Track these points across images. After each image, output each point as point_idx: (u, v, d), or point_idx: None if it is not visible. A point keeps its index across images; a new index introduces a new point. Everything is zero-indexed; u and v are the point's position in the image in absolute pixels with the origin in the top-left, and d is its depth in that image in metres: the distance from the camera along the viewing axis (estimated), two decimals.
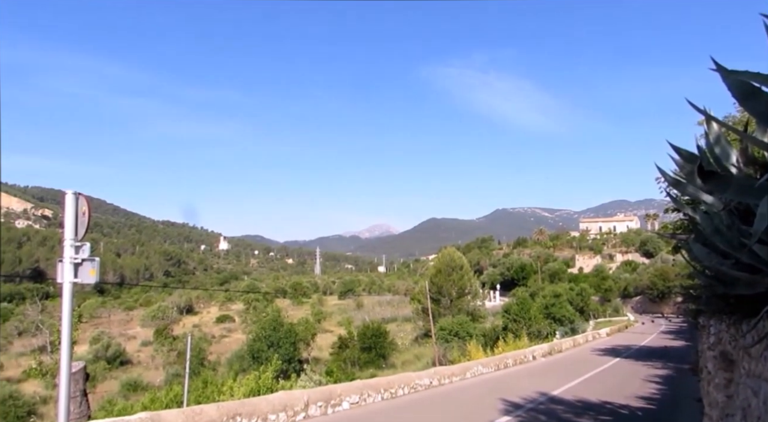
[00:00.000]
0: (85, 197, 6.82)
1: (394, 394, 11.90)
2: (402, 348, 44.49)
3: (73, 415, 6.54)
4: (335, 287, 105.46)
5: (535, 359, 21.89)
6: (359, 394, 10.60)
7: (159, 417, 6.28)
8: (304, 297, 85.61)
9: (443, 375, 14.64)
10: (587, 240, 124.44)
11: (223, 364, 38.47)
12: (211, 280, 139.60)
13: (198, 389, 16.38)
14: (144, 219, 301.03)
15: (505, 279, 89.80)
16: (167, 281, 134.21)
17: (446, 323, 37.87)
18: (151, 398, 16.97)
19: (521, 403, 11.13)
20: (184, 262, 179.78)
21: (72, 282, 6.43)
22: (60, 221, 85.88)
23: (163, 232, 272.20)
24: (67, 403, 6.09)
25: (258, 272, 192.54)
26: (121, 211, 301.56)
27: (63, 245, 6.54)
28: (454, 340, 34.34)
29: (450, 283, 46.20)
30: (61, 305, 6.50)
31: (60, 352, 6.31)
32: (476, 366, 17.19)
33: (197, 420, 6.74)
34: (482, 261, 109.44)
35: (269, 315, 44.74)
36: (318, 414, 9.23)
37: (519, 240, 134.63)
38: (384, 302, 77.90)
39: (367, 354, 38.47)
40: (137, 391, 32.86)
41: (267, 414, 8.02)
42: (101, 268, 6.84)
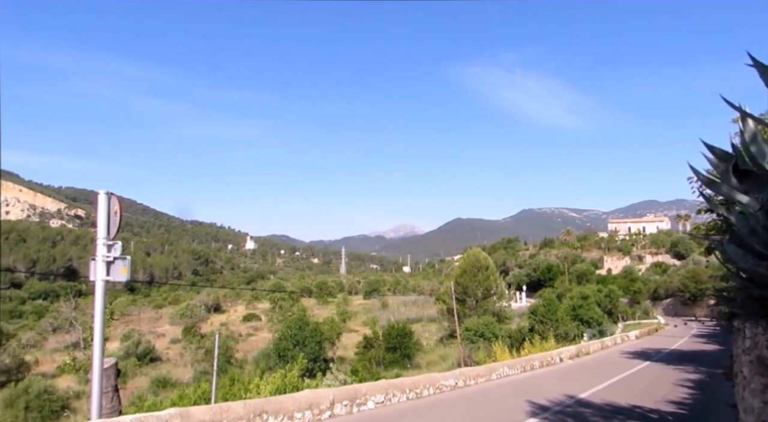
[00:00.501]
0: (117, 197, 6.97)
1: (420, 394, 11.87)
2: (427, 348, 44.35)
3: (105, 410, 6.69)
4: (360, 287, 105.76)
5: (562, 361, 21.61)
6: (384, 394, 10.60)
7: (188, 413, 6.37)
8: (329, 297, 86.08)
9: (469, 376, 14.55)
10: (616, 241, 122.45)
11: (250, 362, 38.89)
12: (238, 279, 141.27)
13: (225, 386, 16.59)
14: (173, 218, 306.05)
15: (532, 281, 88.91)
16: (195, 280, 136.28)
17: (472, 324, 37.64)
18: (180, 394, 17.25)
19: (548, 405, 11.00)
20: (211, 261, 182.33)
21: (104, 280, 6.58)
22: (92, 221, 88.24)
23: (192, 232, 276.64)
24: (99, 398, 6.23)
25: (284, 271, 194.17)
26: (150, 211, 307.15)
27: (96, 244, 6.69)
28: (480, 341, 34.11)
29: (475, 284, 45.90)
30: (94, 302, 6.65)
31: (92, 349, 6.46)
32: (502, 367, 17.04)
33: (225, 417, 6.82)
34: (508, 262, 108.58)
35: (295, 314, 45.11)
36: (343, 413, 9.25)
37: (546, 240, 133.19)
38: (409, 302, 77.83)
39: (392, 354, 38.46)
40: (166, 388, 33.41)
41: (293, 412, 8.08)
42: (132, 267, 6.97)
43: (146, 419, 5.85)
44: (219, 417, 6.73)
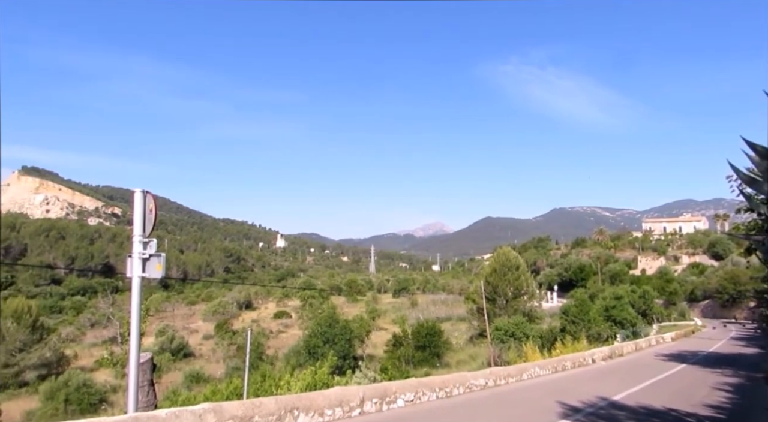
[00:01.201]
0: (152, 195, 7.12)
1: (449, 393, 11.83)
2: (456, 347, 44.14)
3: (141, 404, 6.85)
4: (389, 285, 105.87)
5: (594, 362, 21.26)
6: (414, 392, 10.59)
7: (221, 409, 6.48)
8: (358, 295, 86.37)
9: (499, 376, 14.43)
10: (650, 240, 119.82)
11: (281, 359, 39.29)
12: (268, 277, 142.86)
13: (257, 382, 16.77)
14: (205, 216, 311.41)
15: (563, 280, 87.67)
16: (227, 277, 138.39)
17: (502, 323, 37.29)
18: (213, 390, 17.53)
19: (580, 407, 10.84)
20: (243, 259, 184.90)
21: (140, 276, 6.73)
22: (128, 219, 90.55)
23: (224, 230, 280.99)
24: (136, 392, 6.38)
25: (314, 269, 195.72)
26: (184, 209, 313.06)
27: (132, 241, 6.86)
28: (510, 341, 33.77)
29: (506, 283, 45.46)
30: (131, 298, 6.82)
31: (129, 343, 6.62)
32: (533, 367, 16.86)
33: (257, 413, 6.91)
34: (539, 262, 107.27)
35: (325, 312, 45.43)
36: (373, 410, 9.28)
37: (578, 240, 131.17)
38: (438, 301, 77.59)
39: (421, 352, 38.39)
40: (199, 383, 33.99)
41: (323, 409, 8.14)
42: (166, 264, 7.11)
43: (181, 413, 5.96)
44: (251, 413, 6.82)
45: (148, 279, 7.02)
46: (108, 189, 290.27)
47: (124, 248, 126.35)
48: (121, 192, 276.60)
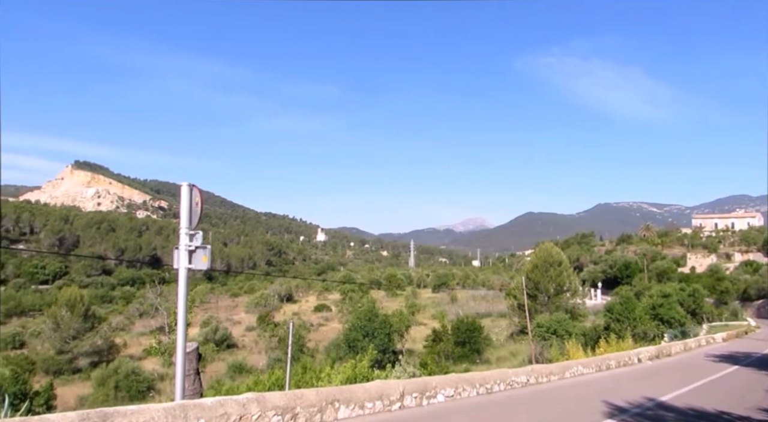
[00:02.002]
0: (198, 189, 7.26)
1: (490, 390, 11.71)
2: (497, 344, 43.76)
3: (187, 392, 7.02)
4: (429, 280, 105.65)
5: (640, 362, 20.70)
6: (454, 388, 10.53)
7: (264, 398, 6.58)
8: (398, 290, 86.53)
9: (541, 374, 14.21)
10: (701, 237, 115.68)
11: (321, 352, 39.75)
12: (309, 270, 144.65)
13: (298, 374, 17.00)
14: (248, 210, 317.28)
15: (607, 277, 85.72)
16: (269, 270, 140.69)
17: (544, 320, 36.76)
18: (255, 380, 17.86)
19: (626, 407, 10.56)
20: (284, 252, 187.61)
21: (187, 268, 6.88)
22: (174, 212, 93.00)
23: (266, 223, 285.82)
24: (182, 380, 6.54)
25: (353, 263, 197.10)
26: (227, 203, 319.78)
27: (179, 233, 7.01)
28: (552, 338, 33.25)
29: (547, 279, 44.75)
30: (178, 289, 6.98)
31: (176, 333, 6.79)
32: (576, 365, 16.53)
33: (298, 404, 6.99)
34: (582, 258, 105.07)
35: (364, 306, 45.67)
36: (413, 404, 9.27)
37: (623, 236, 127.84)
38: (478, 296, 77.02)
39: (461, 348, 38.23)
40: (242, 373, 34.75)
41: (364, 402, 8.17)
42: (210, 256, 7.25)
43: (226, 402, 6.08)
44: (293, 404, 6.90)
45: (194, 270, 7.14)
46: (155, 183, 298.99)
47: (170, 240, 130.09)
48: (168, 186, 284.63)
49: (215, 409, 5.84)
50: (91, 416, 4.75)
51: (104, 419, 4.81)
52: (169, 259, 7.08)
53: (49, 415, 4.57)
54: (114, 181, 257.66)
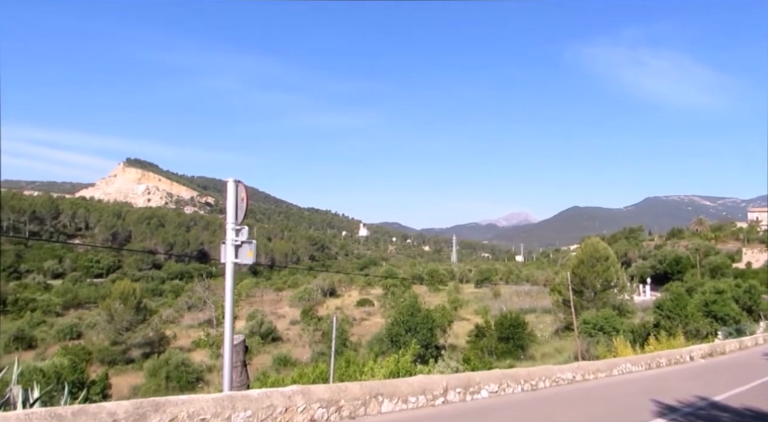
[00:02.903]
0: (244, 185, 7.41)
1: (535, 386, 11.55)
2: (541, 340, 43.12)
3: (235, 383, 7.19)
4: (471, 275, 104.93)
5: (692, 360, 20.02)
6: (498, 384, 10.43)
7: (308, 391, 6.67)
8: (440, 285, 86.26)
9: (587, 371, 13.93)
10: (758, 231, 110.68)
11: (364, 346, 40.05)
12: (351, 265, 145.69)
13: (341, 368, 17.21)
14: (291, 206, 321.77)
15: (657, 273, 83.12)
16: (312, 265, 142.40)
17: (590, 316, 35.99)
18: (300, 373, 18.17)
19: (677, 406, 10.24)
20: (327, 247, 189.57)
21: (233, 262, 7.04)
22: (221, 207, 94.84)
23: (309, 219, 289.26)
24: (230, 372, 6.71)
25: (395, 258, 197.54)
26: (271, 199, 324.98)
27: (225, 229, 7.18)
28: (599, 335, 32.55)
29: (594, 275, 43.74)
30: (225, 283, 7.15)
31: (224, 326, 6.96)
32: (624, 363, 16.12)
33: (342, 397, 7.06)
34: (630, 253, 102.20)
35: (407, 301, 45.71)
36: (456, 400, 9.23)
37: (673, 230, 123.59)
38: (522, 292, 76.02)
39: (504, 344, 37.85)
40: (287, 366, 35.35)
41: (407, 396, 8.19)
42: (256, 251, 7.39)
43: (272, 394, 6.20)
44: (337, 397, 6.98)
45: (240, 265, 7.30)
46: (202, 179, 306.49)
47: (216, 235, 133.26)
48: (214, 182, 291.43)
49: (262, 401, 5.96)
50: (144, 405, 4.92)
51: (157, 408, 4.97)
52: (216, 254, 7.27)
53: (105, 403, 4.75)
54: (163, 178, 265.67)
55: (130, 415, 4.74)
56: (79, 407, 4.57)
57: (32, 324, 53.74)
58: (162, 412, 5.01)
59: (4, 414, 3.94)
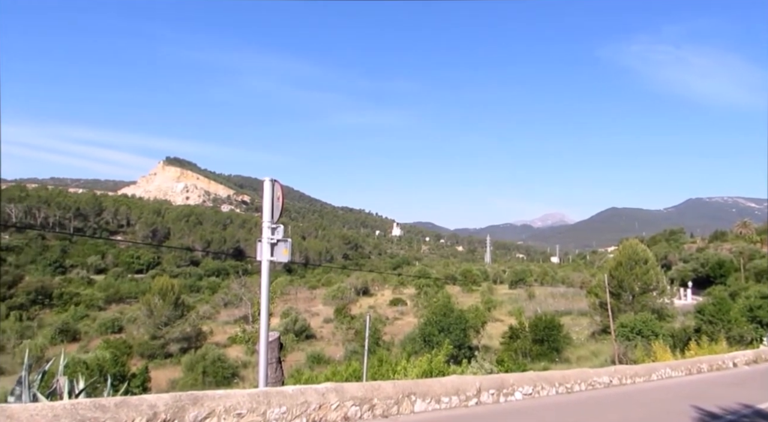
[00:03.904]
0: (280, 184, 7.51)
1: (570, 389, 11.38)
2: (577, 343, 42.39)
3: (270, 379, 7.30)
4: (505, 276, 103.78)
5: (736, 366, 19.38)
6: (532, 386, 10.32)
7: (342, 389, 6.73)
8: (473, 285, 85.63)
9: (625, 375, 13.64)
10: None
11: (396, 345, 40.06)
12: (384, 264, 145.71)
13: (374, 366, 17.26)
14: (325, 205, 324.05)
15: (699, 277, 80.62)
16: (346, 263, 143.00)
17: (628, 320, 35.21)
18: (333, 371, 18.32)
19: (719, 413, 9.94)
20: (360, 246, 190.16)
21: (269, 260, 7.15)
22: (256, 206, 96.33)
23: (343, 218, 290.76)
24: (265, 368, 6.82)
25: (429, 258, 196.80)
26: (305, 198, 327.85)
27: (262, 227, 7.30)
28: (637, 339, 31.81)
29: (632, 277, 42.77)
30: (261, 281, 7.26)
31: (260, 322, 7.07)
32: (664, 368, 15.72)
33: (375, 395, 7.10)
34: (670, 256, 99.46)
35: (440, 301, 45.58)
36: (490, 401, 9.17)
37: (716, 233, 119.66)
38: (557, 294, 74.82)
39: (539, 346, 37.35)
40: (320, 363, 35.66)
41: (440, 396, 8.18)
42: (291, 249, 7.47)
43: (306, 390, 6.28)
44: (370, 395, 7.02)
45: (275, 262, 7.41)
46: (238, 178, 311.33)
47: (252, 233, 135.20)
48: (250, 180, 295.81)
49: (296, 397, 6.04)
50: (183, 398, 5.05)
51: (195, 402, 5.10)
52: (252, 251, 7.40)
53: (146, 396, 4.90)
54: (201, 176, 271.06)
55: (169, 408, 4.87)
56: (121, 399, 4.72)
57: (76, 317, 55.64)
58: (200, 406, 5.13)
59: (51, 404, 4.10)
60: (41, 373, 6.42)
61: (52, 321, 53.94)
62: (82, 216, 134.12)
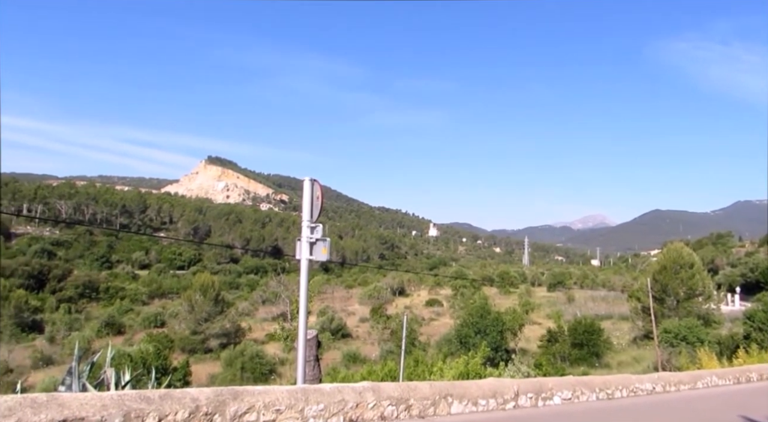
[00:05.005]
0: (319, 183, 7.58)
1: (611, 395, 11.11)
2: (618, 348, 41.41)
3: (308, 377, 7.38)
4: (544, 278, 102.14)
5: None
6: (572, 390, 10.12)
7: (379, 388, 6.74)
8: (511, 287, 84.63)
9: (669, 382, 13.24)
10: None
11: (432, 346, 39.94)
12: (421, 265, 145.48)
13: (410, 367, 17.27)
14: (362, 204, 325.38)
15: (748, 282, 77.72)
16: (382, 263, 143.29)
17: (671, 325, 34.20)
18: (369, 370, 18.40)
19: None
20: (397, 246, 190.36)
21: (308, 258, 7.22)
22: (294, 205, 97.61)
23: (379, 218, 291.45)
24: (304, 366, 6.90)
25: (465, 259, 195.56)
26: (343, 197, 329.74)
27: (301, 226, 7.38)
28: (681, 345, 30.87)
29: (677, 282, 41.53)
30: (299, 279, 7.35)
31: (299, 320, 7.16)
32: (710, 375, 15.19)
33: (412, 396, 7.09)
34: (717, 260, 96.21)
35: (477, 302, 45.19)
36: (528, 405, 9.04)
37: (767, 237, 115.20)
38: (597, 297, 73.24)
39: (578, 350, 36.64)
40: (355, 362, 35.84)
41: (477, 399, 8.11)
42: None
43: (343, 389, 6.32)
44: (407, 395, 7.01)
45: (313, 261, 7.48)
46: (277, 177, 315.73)
47: (290, 232, 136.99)
48: (288, 180, 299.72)
49: (334, 395, 6.09)
50: (224, 393, 5.15)
51: (235, 396, 5.20)
52: (289, 250, 7.53)
53: (189, 389, 5.02)
54: (241, 175, 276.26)
55: (211, 402, 4.98)
56: (165, 391, 4.84)
57: (121, 311, 57.46)
58: (240, 401, 5.22)
59: (100, 394, 4.24)
60: (90, 364, 6.66)
61: (99, 314, 55.91)
62: (127, 213, 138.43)
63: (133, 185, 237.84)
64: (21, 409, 3.62)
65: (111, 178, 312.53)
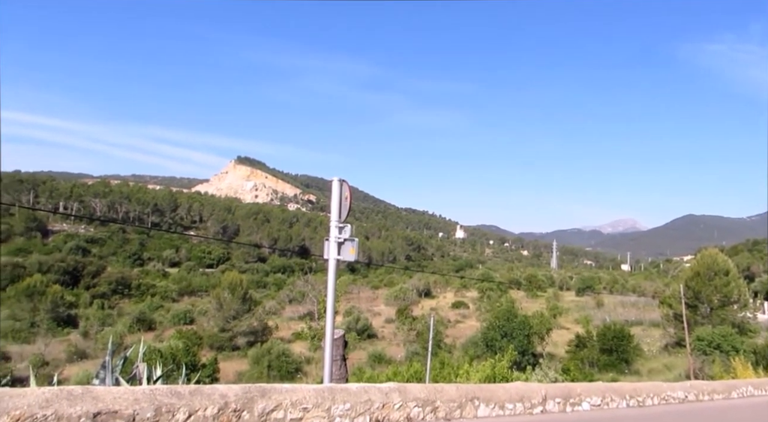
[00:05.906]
0: (347, 184, 7.61)
1: (642, 403, 10.87)
2: (648, 355, 40.59)
3: (334, 376, 7.40)
4: (572, 283, 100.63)
5: None
6: (601, 397, 9.93)
7: (405, 389, 6.72)
8: (538, 291, 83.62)
9: (702, 391, 12.89)
10: None
11: (458, 348, 39.74)
12: (447, 267, 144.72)
13: (435, 368, 17.23)
14: (389, 205, 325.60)
15: None
16: (408, 264, 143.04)
17: (705, 333, 33.38)
18: (394, 371, 18.41)
19: None
20: (423, 248, 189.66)
21: (336, 258, 7.25)
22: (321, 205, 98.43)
23: (406, 219, 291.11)
24: (330, 365, 6.93)
25: (492, 262, 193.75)
26: (369, 198, 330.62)
27: (329, 226, 7.42)
28: (715, 354, 30.12)
29: (711, 289, 40.49)
30: (327, 279, 7.38)
31: (326, 320, 7.19)
32: (745, 385, 14.74)
33: (438, 398, 7.04)
34: (754, 267, 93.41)
35: (503, 305, 44.83)
36: (556, 410, 8.91)
37: None
38: (627, 303, 71.82)
39: (607, 356, 36.04)
40: (381, 363, 35.88)
41: (504, 402, 8.02)
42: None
43: (369, 389, 6.31)
44: (433, 397, 6.97)
45: (341, 261, 7.50)
46: (305, 177, 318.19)
47: (317, 232, 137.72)
48: (315, 180, 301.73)
49: (360, 395, 6.09)
50: (252, 390, 5.20)
51: (263, 394, 5.24)
52: (316, 249, 7.58)
53: (218, 386, 5.08)
54: (269, 176, 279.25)
55: (239, 398, 5.03)
56: (195, 387, 4.91)
57: (152, 308, 58.56)
58: (268, 398, 5.27)
59: (132, 388, 4.33)
60: (123, 359, 6.80)
61: (130, 310, 57.06)
62: (159, 212, 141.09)
63: (165, 184, 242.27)
64: (58, 401, 3.71)
65: (143, 177, 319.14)
